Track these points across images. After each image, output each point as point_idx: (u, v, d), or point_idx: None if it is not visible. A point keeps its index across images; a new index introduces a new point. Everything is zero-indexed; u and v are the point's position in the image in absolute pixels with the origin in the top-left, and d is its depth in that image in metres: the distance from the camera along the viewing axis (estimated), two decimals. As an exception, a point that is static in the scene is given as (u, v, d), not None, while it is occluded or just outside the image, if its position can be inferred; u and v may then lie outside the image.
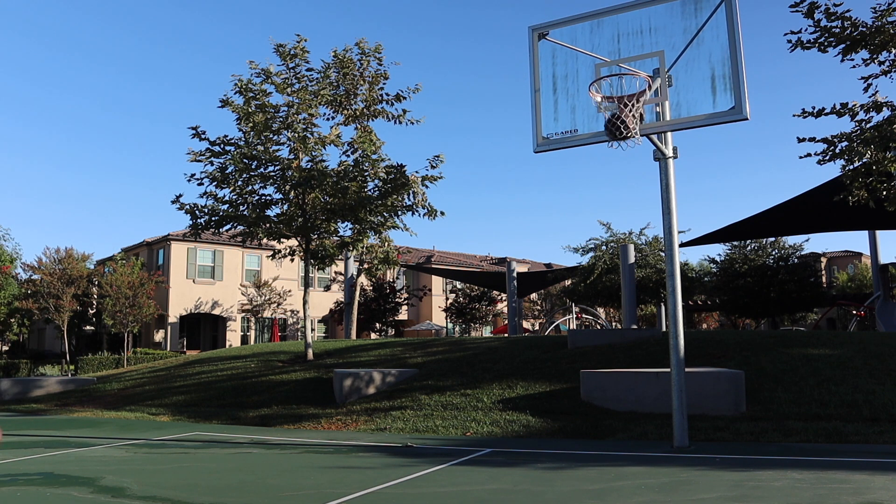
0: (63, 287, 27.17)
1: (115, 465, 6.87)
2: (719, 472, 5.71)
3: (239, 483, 5.87)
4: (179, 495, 5.35)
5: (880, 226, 17.66)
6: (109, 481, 5.89)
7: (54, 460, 7.23)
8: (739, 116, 6.55)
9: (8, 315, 29.32)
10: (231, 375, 14.71)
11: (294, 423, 10.13)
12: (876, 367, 9.27)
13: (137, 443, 8.61)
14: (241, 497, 5.27)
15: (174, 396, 13.49)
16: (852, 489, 4.90)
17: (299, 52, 14.73)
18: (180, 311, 32.32)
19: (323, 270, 24.12)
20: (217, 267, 33.78)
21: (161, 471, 6.52)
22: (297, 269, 35.11)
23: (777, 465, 5.98)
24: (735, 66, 6.62)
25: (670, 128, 7.04)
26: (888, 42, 8.76)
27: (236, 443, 8.55)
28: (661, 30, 7.10)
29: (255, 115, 14.45)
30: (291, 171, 14.67)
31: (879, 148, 8.83)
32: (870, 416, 7.81)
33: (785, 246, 29.69)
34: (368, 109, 16.05)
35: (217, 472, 6.56)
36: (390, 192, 14.50)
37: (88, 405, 13.75)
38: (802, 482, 5.19)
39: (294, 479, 5.94)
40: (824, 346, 10.68)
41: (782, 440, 7.24)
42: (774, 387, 8.98)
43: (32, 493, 5.50)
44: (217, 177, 14.77)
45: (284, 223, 15.08)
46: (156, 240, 33.36)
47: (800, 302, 28.83)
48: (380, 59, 15.58)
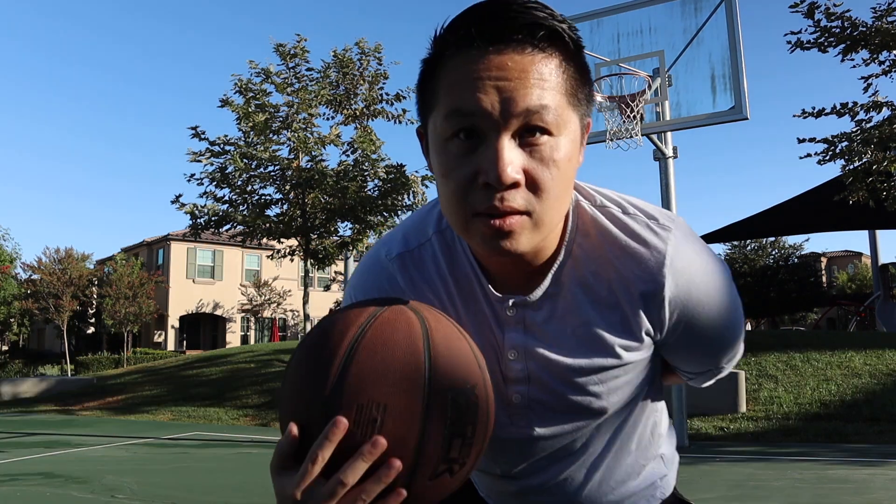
0: (63, 287, 27.17)
1: (114, 465, 6.87)
2: (720, 472, 5.71)
3: (239, 483, 5.87)
4: (179, 495, 5.35)
5: (880, 226, 17.67)
6: (109, 481, 5.88)
7: (54, 460, 7.22)
8: (739, 116, 6.55)
9: (7, 315, 29.31)
10: (231, 375, 14.71)
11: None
12: (876, 367, 9.28)
13: (137, 443, 8.61)
14: (241, 497, 5.27)
15: (174, 396, 13.49)
16: (853, 489, 4.90)
17: (299, 52, 14.73)
18: (180, 311, 32.31)
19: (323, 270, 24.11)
20: (217, 267, 33.76)
21: (161, 471, 6.52)
22: (297, 269, 35.11)
23: (777, 465, 5.98)
24: (735, 66, 6.62)
25: (670, 127, 7.04)
26: (888, 42, 8.76)
27: (236, 443, 8.55)
28: (660, 29, 7.10)
29: (255, 115, 14.45)
30: (291, 171, 14.67)
31: (879, 148, 8.83)
32: (870, 416, 7.81)
33: (785, 246, 29.73)
34: (368, 109, 16.05)
35: (217, 472, 6.56)
36: (390, 192, 14.50)
37: (88, 405, 13.75)
38: (803, 482, 5.19)
39: (294, 478, 5.93)
40: (824, 346, 10.68)
41: (782, 440, 7.24)
42: (774, 387, 8.98)
43: (32, 493, 5.50)
44: (217, 177, 14.77)
45: (284, 223, 15.08)
46: (155, 240, 33.35)
47: (800, 302, 28.87)
48: (380, 59, 15.59)
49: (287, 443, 0.73)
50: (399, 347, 0.74)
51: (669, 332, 0.89)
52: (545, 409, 0.92)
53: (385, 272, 0.95)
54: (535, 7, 0.75)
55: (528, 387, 0.91)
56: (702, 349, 0.94)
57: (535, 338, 0.89)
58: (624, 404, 0.95)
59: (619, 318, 0.87)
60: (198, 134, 14.79)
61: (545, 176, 0.75)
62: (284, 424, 0.76)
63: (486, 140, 0.74)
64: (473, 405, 0.76)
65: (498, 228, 0.75)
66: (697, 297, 0.87)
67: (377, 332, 0.75)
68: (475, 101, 0.73)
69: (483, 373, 0.79)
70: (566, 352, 0.89)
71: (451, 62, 0.77)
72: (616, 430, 0.99)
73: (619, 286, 0.86)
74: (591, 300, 0.87)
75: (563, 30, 0.76)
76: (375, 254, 0.99)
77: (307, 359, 0.76)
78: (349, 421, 0.70)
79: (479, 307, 0.91)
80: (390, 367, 0.72)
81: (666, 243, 0.85)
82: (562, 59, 0.77)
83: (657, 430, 1.06)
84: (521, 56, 0.74)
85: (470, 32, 0.75)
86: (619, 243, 0.86)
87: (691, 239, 0.88)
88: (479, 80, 0.74)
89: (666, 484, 1.09)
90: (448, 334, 0.79)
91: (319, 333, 0.78)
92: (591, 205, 0.89)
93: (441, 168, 0.78)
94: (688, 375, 1.03)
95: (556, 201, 0.77)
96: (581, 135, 0.82)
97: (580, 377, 0.89)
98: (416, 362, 0.73)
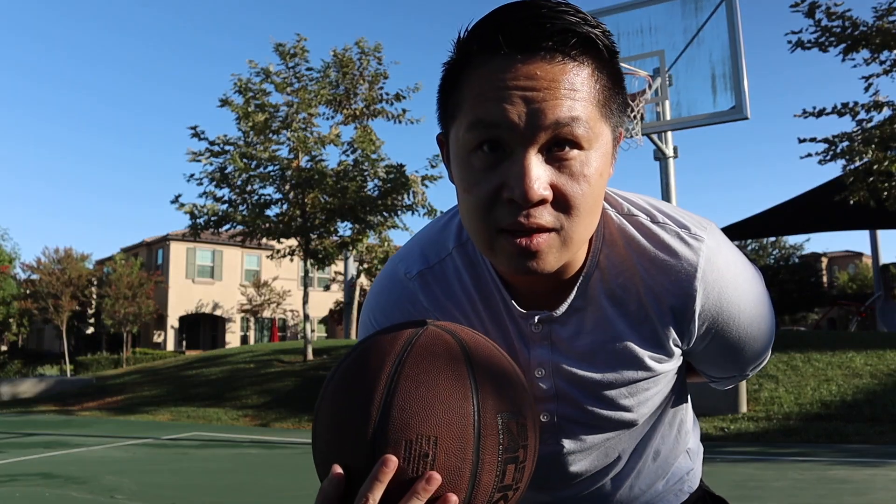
0: (62, 287, 27.15)
1: (114, 465, 6.86)
2: (720, 472, 5.70)
3: (239, 483, 5.86)
4: (179, 495, 5.34)
5: (881, 225, 17.66)
6: (108, 482, 5.87)
7: (53, 461, 7.21)
8: (740, 116, 6.54)
9: (7, 315, 29.31)
10: (231, 375, 14.70)
11: (294, 423, 10.12)
12: (877, 368, 9.27)
13: (137, 443, 8.59)
14: (241, 497, 5.26)
15: (173, 397, 13.48)
16: (853, 489, 4.88)
17: (299, 52, 14.73)
18: (180, 311, 32.29)
19: (323, 270, 24.12)
20: (216, 267, 33.73)
21: (161, 471, 6.51)
22: (297, 269, 35.09)
23: (778, 465, 5.97)
24: (735, 66, 6.61)
25: (671, 127, 7.03)
26: (889, 41, 8.75)
27: (236, 443, 8.54)
28: (661, 29, 7.09)
29: (255, 115, 14.44)
30: (291, 171, 14.66)
31: (880, 148, 8.82)
32: (870, 416, 7.80)
33: (786, 246, 29.76)
34: (368, 109, 16.05)
35: (217, 472, 6.55)
36: (390, 192, 14.49)
37: (87, 405, 13.74)
38: (803, 482, 5.18)
39: (294, 479, 5.93)
40: (825, 346, 10.67)
41: (783, 440, 7.23)
42: (775, 387, 8.97)
43: (32, 493, 5.48)
44: (216, 177, 14.76)
45: (284, 223, 15.07)
46: (155, 240, 33.33)
47: (800, 302, 28.89)
48: (379, 59, 15.59)
49: (332, 486, 0.69)
50: (442, 375, 0.70)
51: (697, 341, 0.86)
52: (574, 425, 0.90)
53: (406, 292, 0.91)
54: (566, 11, 0.71)
55: (556, 404, 0.88)
56: (731, 358, 0.92)
57: (563, 354, 0.86)
58: (653, 412, 0.94)
59: (649, 331, 0.84)
60: (197, 134, 14.78)
61: (575, 192, 0.71)
62: (325, 465, 0.72)
63: (512, 154, 0.71)
64: (523, 427, 0.73)
65: (524, 247, 0.71)
66: (729, 309, 0.84)
67: (417, 361, 0.71)
68: (501, 111, 0.70)
69: (527, 391, 0.77)
70: (595, 367, 0.85)
71: (476, 70, 0.73)
72: (646, 437, 0.97)
73: (648, 299, 0.83)
74: (620, 313, 0.84)
75: (597, 36, 0.72)
76: (392, 272, 0.93)
77: (344, 397, 0.72)
78: (399, 458, 0.66)
79: (504, 324, 0.88)
80: (436, 398, 0.69)
81: (698, 254, 0.81)
82: (594, 68, 0.73)
83: (684, 427, 1.05)
84: (552, 65, 0.70)
85: (497, 39, 0.71)
86: (649, 255, 0.82)
87: (724, 248, 0.84)
88: (505, 89, 0.70)
89: (693, 477, 1.08)
90: (488, 355, 0.75)
91: (353, 368, 0.74)
92: (617, 213, 0.86)
93: (463, 182, 0.75)
94: (712, 379, 1.01)
95: (586, 218, 0.74)
96: (613, 146, 0.78)
97: (610, 391, 0.86)
98: (462, 389, 0.70)
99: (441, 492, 0.67)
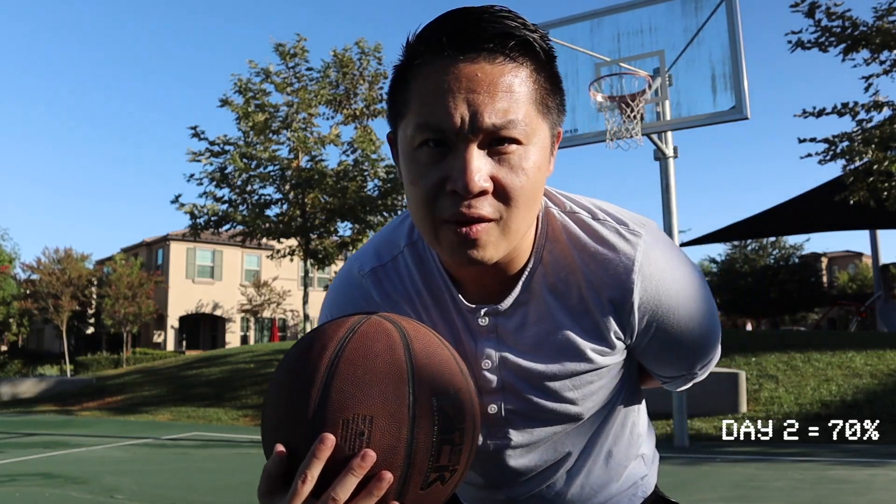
0: (62, 287, 27.15)
1: (114, 465, 6.86)
2: (720, 472, 5.70)
3: (239, 483, 5.86)
4: (179, 495, 5.34)
5: (881, 225, 17.66)
6: (108, 482, 5.87)
7: (53, 461, 7.21)
8: (740, 116, 6.53)
9: (7, 315, 29.31)
10: (231, 375, 14.70)
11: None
12: (877, 368, 9.27)
13: (137, 443, 8.60)
14: (240, 497, 5.26)
15: (173, 397, 13.48)
16: (853, 489, 4.88)
17: (299, 52, 14.73)
18: (180, 311, 32.29)
19: (323, 270, 24.11)
20: (216, 267, 33.73)
21: (161, 471, 6.51)
22: (297, 269, 35.08)
23: (777, 465, 5.97)
24: (736, 65, 6.60)
25: (671, 127, 7.02)
26: (889, 41, 8.75)
27: (236, 443, 8.54)
28: (661, 29, 7.08)
29: (255, 115, 14.44)
30: (291, 171, 14.66)
31: (880, 148, 8.82)
32: (870, 416, 7.80)
33: (785, 246, 29.75)
34: (368, 109, 16.04)
35: (216, 472, 6.55)
36: (390, 192, 14.50)
37: (87, 405, 13.75)
38: (803, 482, 5.18)
39: (293, 479, 5.92)
40: (825, 346, 10.67)
41: (782, 440, 7.23)
42: (775, 387, 8.97)
43: (31, 493, 5.49)
44: (216, 177, 14.76)
45: (284, 223, 15.07)
46: (155, 240, 33.33)
47: (800, 302, 28.89)
48: (379, 59, 15.58)
49: (274, 465, 0.73)
50: (380, 359, 0.74)
51: (640, 336, 0.89)
52: (521, 418, 0.92)
53: (359, 288, 0.95)
54: (507, 17, 0.75)
55: (503, 397, 0.91)
56: (674, 354, 0.94)
57: (508, 346, 0.89)
58: (600, 408, 0.96)
59: (590, 323, 0.87)
60: (197, 134, 14.78)
61: (514, 183, 0.76)
62: (269, 447, 0.75)
63: (455, 149, 0.75)
64: (459, 410, 0.76)
65: (465, 236, 0.75)
66: (668, 302, 0.87)
67: (357, 346, 0.75)
68: (445, 115, 0.74)
69: (466, 378, 0.80)
70: (539, 358, 0.89)
71: (421, 71, 0.77)
72: (595, 434, 0.99)
73: (589, 292, 0.86)
74: (562, 306, 0.87)
75: (535, 39, 0.77)
76: (348, 270, 0.98)
77: (288, 379, 0.76)
78: (336, 437, 0.69)
79: (452, 318, 0.91)
80: (373, 380, 0.72)
81: (635, 249, 0.85)
82: (533, 69, 0.78)
83: (636, 431, 1.07)
84: (492, 66, 0.75)
85: (441, 41, 0.75)
86: (589, 250, 0.86)
87: (662, 244, 0.88)
88: (448, 92, 0.74)
89: (647, 483, 1.09)
90: (428, 343, 0.79)
91: (298, 353, 0.78)
92: (560, 211, 0.90)
93: (410, 176, 0.79)
94: (662, 379, 1.03)
95: (525, 209, 0.78)
96: (551, 143, 0.83)
97: (554, 383, 0.89)
98: (398, 372, 0.73)
99: (376, 469, 0.69)
